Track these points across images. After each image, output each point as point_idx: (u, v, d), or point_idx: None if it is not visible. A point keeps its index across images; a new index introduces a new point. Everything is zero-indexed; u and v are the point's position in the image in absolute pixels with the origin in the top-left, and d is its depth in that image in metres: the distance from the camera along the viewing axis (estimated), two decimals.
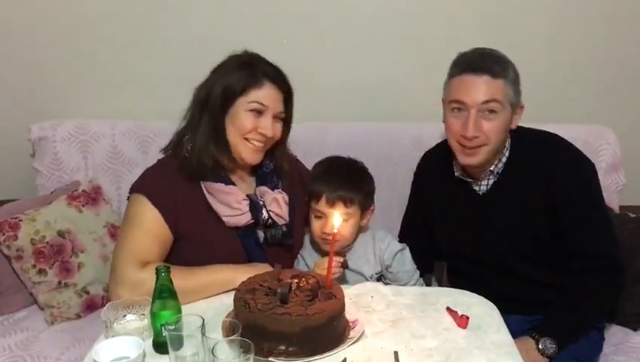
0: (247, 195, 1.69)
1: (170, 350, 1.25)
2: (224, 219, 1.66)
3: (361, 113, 2.38)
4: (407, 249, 1.82)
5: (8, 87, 2.44)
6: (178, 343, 1.25)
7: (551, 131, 1.82)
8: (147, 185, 1.65)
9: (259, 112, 1.64)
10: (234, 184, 1.70)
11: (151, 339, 1.36)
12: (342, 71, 2.39)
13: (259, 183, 1.75)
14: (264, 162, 1.75)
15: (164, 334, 1.27)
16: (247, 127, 1.64)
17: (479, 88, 1.62)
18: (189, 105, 1.71)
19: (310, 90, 2.39)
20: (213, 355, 1.16)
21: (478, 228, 1.79)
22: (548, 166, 1.69)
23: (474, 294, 1.60)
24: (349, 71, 2.40)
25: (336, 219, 1.50)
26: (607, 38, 2.34)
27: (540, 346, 1.63)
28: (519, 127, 1.79)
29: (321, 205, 1.70)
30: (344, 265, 1.67)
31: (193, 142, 1.67)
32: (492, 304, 1.55)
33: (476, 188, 1.79)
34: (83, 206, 2.14)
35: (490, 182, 1.76)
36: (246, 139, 1.65)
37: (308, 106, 2.39)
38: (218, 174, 1.68)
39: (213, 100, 1.64)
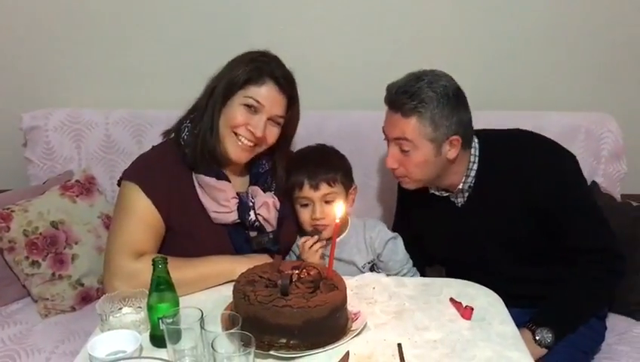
0: (237, 193, 1.67)
1: (167, 343, 1.23)
2: (211, 214, 1.64)
3: (361, 102, 2.34)
4: (400, 238, 1.80)
5: None
6: (176, 336, 1.22)
7: (520, 128, 1.79)
8: (140, 173, 1.63)
9: (254, 109, 1.61)
10: (228, 179, 1.67)
11: (148, 333, 1.34)
12: (341, 59, 2.36)
13: (252, 182, 1.72)
14: (260, 161, 1.73)
15: (161, 327, 1.25)
16: (238, 120, 1.60)
17: (391, 124, 1.62)
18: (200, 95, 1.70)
19: (309, 78, 2.34)
20: (213, 349, 1.13)
21: (463, 238, 1.74)
22: (527, 168, 1.64)
23: (478, 285, 1.58)
24: (349, 59, 2.36)
25: (338, 209, 1.47)
26: (609, 24, 2.31)
27: (536, 337, 1.60)
28: (488, 132, 1.74)
29: (305, 191, 1.69)
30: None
31: (194, 130, 1.64)
32: (497, 295, 1.53)
33: (454, 200, 1.75)
34: (77, 196, 2.10)
35: (466, 195, 1.72)
36: (235, 133, 1.62)
37: (306, 95, 2.35)
38: (212, 168, 1.65)
39: (217, 92, 1.63)
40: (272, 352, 1.25)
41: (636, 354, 1.75)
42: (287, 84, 1.64)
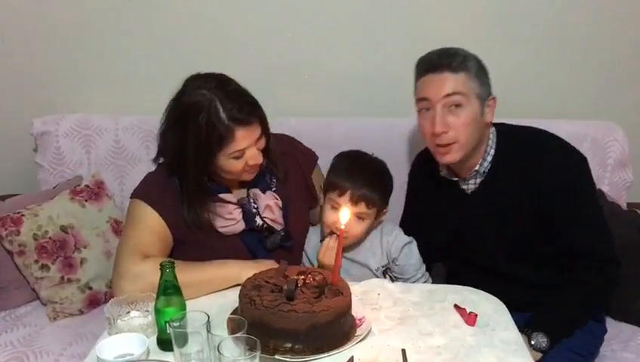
0: (239, 201, 1.69)
1: (174, 347, 1.24)
2: (220, 230, 1.66)
3: (368, 108, 2.36)
4: (415, 242, 1.81)
5: (11, 80, 2.42)
6: (183, 340, 1.23)
7: (540, 127, 1.79)
8: (147, 190, 1.67)
9: (242, 153, 1.59)
10: (228, 190, 1.70)
11: (155, 336, 1.35)
12: (348, 66, 2.37)
13: (251, 185, 1.74)
14: None
15: (168, 331, 1.25)
16: (238, 169, 1.62)
17: (440, 84, 1.63)
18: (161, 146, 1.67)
19: (316, 85, 2.38)
20: (219, 352, 1.15)
21: (466, 227, 1.76)
22: (536, 164, 1.65)
23: (482, 291, 1.58)
24: (355, 66, 2.37)
25: (344, 215, 1.48)
26: (616, 32, 2.31)
27: (532, 341, 1.59)
28: (505, 125, 1.76)
29: (344, 200, 1.67)
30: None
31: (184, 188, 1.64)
32: (500, 301, 1.54)
33: (464, 187, 1.77)
34: (86, 201, 2.12)
35: (478, 181, 1.74)
36: (241, 172, 1.65)
37: (314, 102, 2.39)
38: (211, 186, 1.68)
39: (190, 161, 1.58)
40: (277, 356, 1.26)
41: None
42: (247, 114, 1.56)
